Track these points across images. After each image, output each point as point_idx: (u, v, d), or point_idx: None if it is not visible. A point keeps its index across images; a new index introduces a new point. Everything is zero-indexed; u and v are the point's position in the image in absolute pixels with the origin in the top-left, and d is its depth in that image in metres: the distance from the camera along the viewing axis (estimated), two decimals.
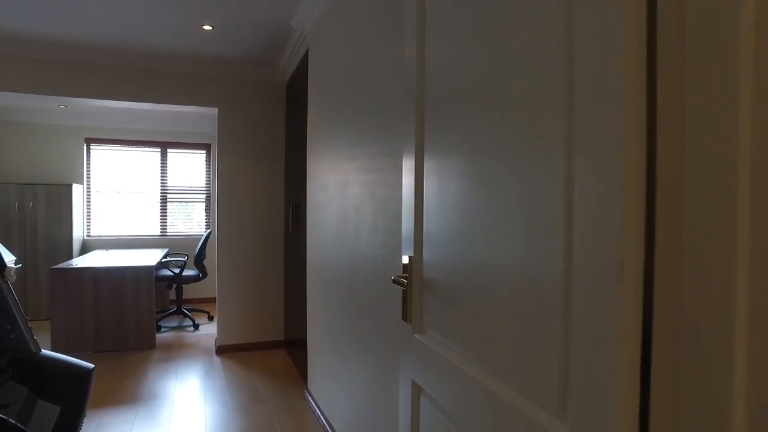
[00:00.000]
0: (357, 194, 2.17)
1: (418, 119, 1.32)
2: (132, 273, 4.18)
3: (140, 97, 3.92)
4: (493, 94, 0.94)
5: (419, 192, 1.32)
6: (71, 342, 4.05)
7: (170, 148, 6.25)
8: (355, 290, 2.20)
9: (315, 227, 2.93)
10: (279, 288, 4.36)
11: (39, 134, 5.77)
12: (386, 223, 1.83)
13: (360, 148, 2.13)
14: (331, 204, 2.57)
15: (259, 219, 4.26)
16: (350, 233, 2.26)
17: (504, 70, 0.90)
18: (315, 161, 2.94)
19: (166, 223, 6.25)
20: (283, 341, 4.38)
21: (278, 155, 4.32)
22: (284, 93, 4.32)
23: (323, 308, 2.77)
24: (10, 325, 2.08)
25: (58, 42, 3.56)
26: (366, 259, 2.05)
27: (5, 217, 5.21)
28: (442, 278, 1.19)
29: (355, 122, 2.20)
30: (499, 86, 0.92)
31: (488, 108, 0.96)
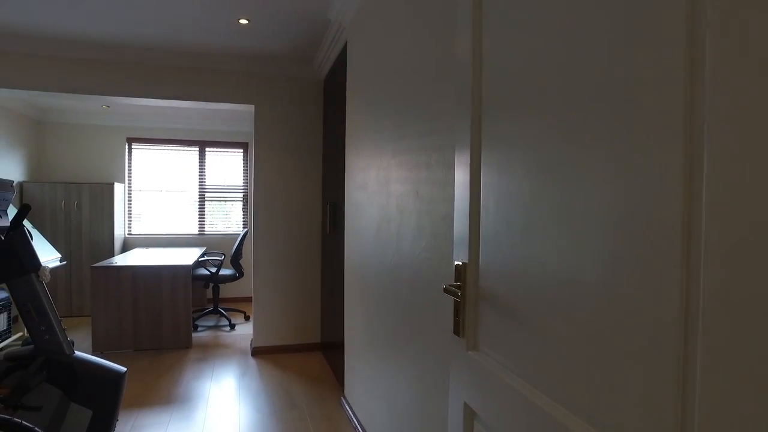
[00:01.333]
0: (399, 193, 2.02)
1: (474, 109, 1.16)
2: (169, 272, 4.17)
3: (178, 95, 3.89)
4: (582, 75, 0.77)
5: (475, 189, 1.16)
6: (111, 340, 4.07)
7: (208, 147, 6.27)
8: (397, 296, 2.05)
9: (353, 228, 2.80)
10: (315, 289, 4.26)
11: (83, 134, 5.88)
12: (433, 224, 1.67)
13: (403, 142, 1.98)
14: (371, 203, 2.43)
15: (295, 218, 4.17)
16: (392, 235, 2.11)
17: (594, 57, 0.73)
18: (354, 158, 2.81)
19: (204, 222, 6.27)
20: (319, 344, 4.27)
21: (315, 153, 4.22)
22: (321, 90, 4.21)
23: (362, 313, 2.64)
24: (45, 326, 2.04)
25: (95, 42, 3.56)
26: (410, 263, 1.89)
27: (53, 215, 5.32)
28: (504, 289, 1.03)
29: (398, 115, 2.05)
30: (594, 66, 0.75)
31: (574, 90, 0.79)
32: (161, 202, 6.17)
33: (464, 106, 1.19)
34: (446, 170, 1.58)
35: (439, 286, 1.62)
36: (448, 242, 1.56)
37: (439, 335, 1.61)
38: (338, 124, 3.51)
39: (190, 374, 3.59)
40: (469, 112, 1.17)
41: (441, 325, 1.60)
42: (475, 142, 1.16)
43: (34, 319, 2.01)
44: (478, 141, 1.16)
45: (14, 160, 5.19)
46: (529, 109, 0.92)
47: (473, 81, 1.16)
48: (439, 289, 1.62)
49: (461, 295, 1.16)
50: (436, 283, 1.64)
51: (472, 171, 1.17)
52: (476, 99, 1.16)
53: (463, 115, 1.20)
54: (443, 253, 1.59)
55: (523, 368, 0.95)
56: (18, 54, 3.62)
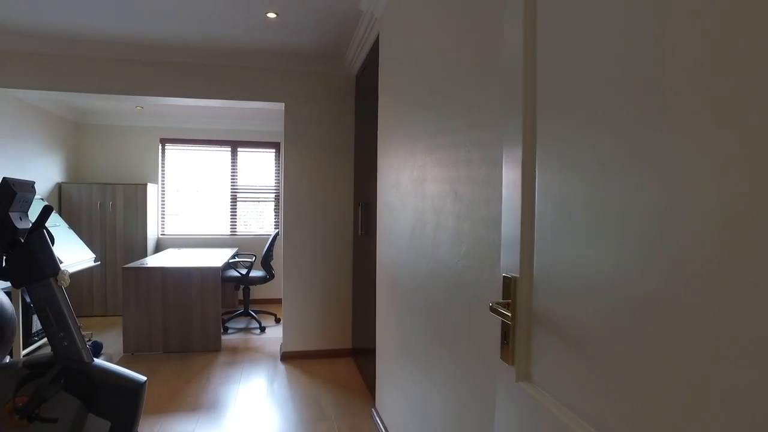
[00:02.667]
0: (436, 193, 1.84)
1: (526, 100, 0.98)
2: (198, 274, 4.11)
3: (207, 94, 3.82)
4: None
5: (528, 190, 0.97)
6: (141, 341, 4.03)
7: (240, 147, 6.23)
8: (433, 307, 1.87)
9: (386, 230, 2.64)
10: (347, 293, 4.12)
11: (118, 136, 5.94)
12: (474, 229, 1.49)
13: (439, 138, 1.80)
14: (404, 204, 2.26)
15: (326, 219, 4.04)
16: (427, 239, 1.93)
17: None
18: (386, 156, 2.64)
19: (236, 223, 6.24)
20: (350, 349, 4.13)
21: (347, 152, 4.08)
22: (353, 86, 4.07)
23: (395, 321, 2.47)
24: (63, 332, 1.95)
25: (126, 42, 3.52)
26: (447, 271, 1.71)
27: (89, 216, 5.37)
28: (566, 310, 0.84)
29: (434, 109, 1.87)
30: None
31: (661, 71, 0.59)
32: (194, 202, 6.17)
33: (514, 98, 1.01)
34: (489, 168, 1.39)
35: (481, 298, 1.43)
36: (491, 249, 1.37)
37: (482, 356, 1.43)
38: (370, 122, 3.36)
39: (217, 379, 3.50)
40: (520, 103, 0.99)
41: (484, 344, 1.41)
42: (528, 136, 0.98)
43: (53, 325, 1.93)
44: (531, 135, 0.97)
45: (54, 161, 5.26)
46: (601, 97, 0.73)
47: (525, 69, 0.98)
48: (480, 301, 1.44)
49: (511, 316, 0.97)
50: (477, 295, 1.46)
51: (525, 169, 0.98)
52: (529, 89, 0.97)
53: (512, 108, 1.01)
54: (485, 262, 1.41)
55: (591, 411, 0.77)
56: (52, 56, 3.62)
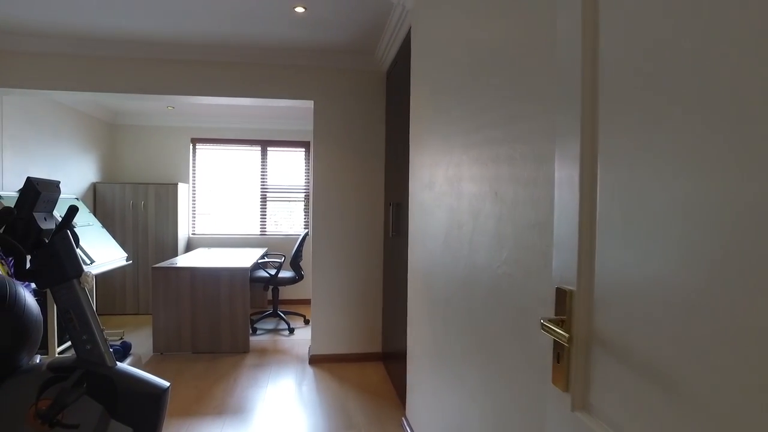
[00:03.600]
0: (473, 193, 1.70)
1: (585, 88, 0.84)
2: (227, 275, 4.07)
3: (236, 92, 3.77)
4: None
5: (589, 190, 0.84)
6: (170, 341, 4.02)
7: (270, 147, 6.21)
8: (470, 314, 1.74)
9: (418, 231, 2.51)
10: (377, 296, 4.01)
11: (150, 136, 5.99)
12: (516, 233, 1.35)
13: (477, 134, 1.67)
14: (438, 205, 2.13)
15: (356, 219, 3.94)
16: (463, 243, 1.80)
17: None
18: (418, 154, 2.52)
19: (265, 223, 6.22)
20: (380, 354, 4.02)
21: (377, 151, 3.97)
22: (383, 83, 3.96)
23: (427, 327, 2.34)
24: (87, 335, 1.90)
25: (155, 41, 3.50)
26: (485, 278, 1.58)
27: (121, 215, 5.43)
28: (640, 333, 0.70)
29: (471, 101, 1.73)
30: None
31: None
32: (224, 202, 6.18)
33: (570, 85, 0.88)
34: (536, 165, 1.25)
35: (525, 309, 1.30)
36: (537, 256, 1.23)
37: (526, 374, 1.29)
38: (402, 119, 3.24)
39: (245, 382, 3.45)
40: (577, 91, 0.86)
41: (529, 361, 1.27)
42: (588, 128, 0.84)
43: (76, 328, 1.88)
44: (591, 127, 0.84)
45: (89, 161, 5.34)
46: (681, 85, 0.59)
47: (584, 52, 0.84)
48: (524, 312, 1.30)
49: (567, 337, 0.83)
50: (521, 305, 1.32)
51: (584, 165, 0.84)
52: (588, 75, 0.84)
53: (567, 96, 0.88)
54: (530, 270, 1.27)
55: None
56: (85, 57, 3.64)
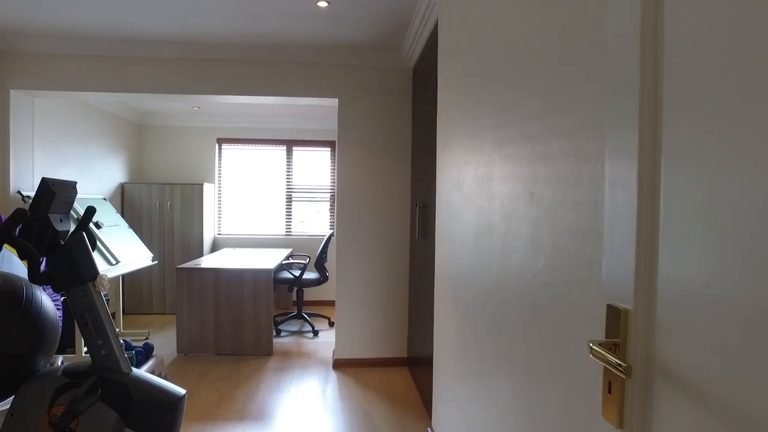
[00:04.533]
0: (506, 194, 1.57)
1: (644, 69, 0.71)
2: (251, 276, 4.02)
3: (260, 91, 3.72)
4: None
5: (648, 190, 0.71)
6: (194, 342, 3.99)
7: (296, 146, 6.16)
8: (501, 323, 1.61)
9: (446, 234, 2.39)
10: (402, 299, 3.89)
11: (177, 136, 6.02)
12: (555, 238, 1.22)
13: (510, 129, 1.54)
14: (467, 206, 2.00)
15: (381, 220, 3.83)
16: (495, 247, 1.67)
17: None
18: (446, 153, 2.39)
19: (291, 223, 6.17)
20: (405, 359, 3.90)
21: (404, 150, 3.85)
22: (410, 80, 3.84)
23: (454, 333, 2.21)
24: (102, 340, 1.85)
25: (183, 41, 3.47)
26: (519, 286, 1.44)
27: (148, 215, 5.47)
28: (719, 365, 0.57)
29: (503, 95, 1.60)
30: None
31: None
32: (249, 202, 6.16)
33: (625, 70, 0.74)
34: (578, 163, 1.12)
35: (564, 323, 1.16)
36: (580, 266, 1.10)
37: (567, 397, 1.15)
38: (429, 117, 3.12)
39: (267, 386, 3.38)
40: (634, 76, 0.73)
41: (571, 384, 1.14)
42: (648, 120, 0.71)
43: (92, 333, 1.83)
44: (652, 118, 0.71)
45: (117, 162, 5.39)
46: None
47: (643, 30, 0.71)
48: (564, 327, 1.16)
49: (625, 367, 0.70)
50: (560, 319, 1.19)
51: (644, 162, 0.71)
52: (648, 57, 0.71)
53: (622, 83, 0.75)
54: (572, 280, 1.13)
55: None
56: (112, 58, 3.64)
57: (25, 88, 3.66)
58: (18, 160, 3.71)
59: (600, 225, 1.02)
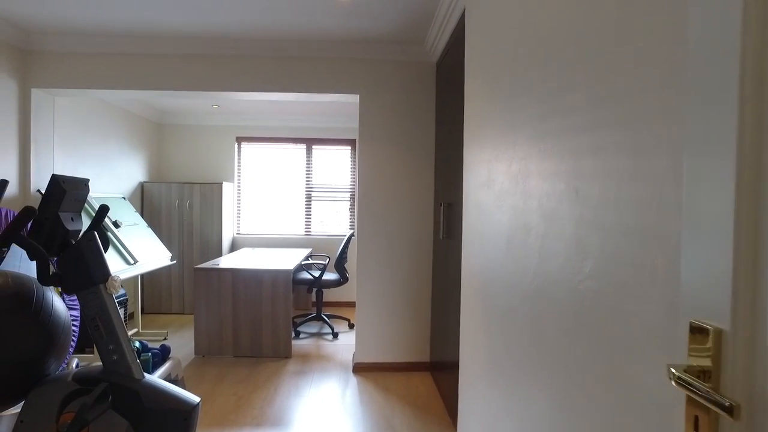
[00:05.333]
0: (545, 191, 1.44)
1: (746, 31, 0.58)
2: (269, 277, 3.93)
3: (280, 87, 3.63)
4: None
5: (751, 190, 0.57)
6: (212, 344, 3.93)
7: (315, 145, 6.07)
8: (539, 333, 1.47)
9: (474, 234, 2.25)
10: (425, 302, 3.76)
11: (196, 135, 5.99)
12: (606, 239, 1.08)
13: (551, 122, 1.40)
14: (499, 205, 1.87)
15: (404, 220, 3.71)
16: (531, 249, 1.53)
17: None
18: (475, 149, 2.26)
19: (310, 223, 6.09)
20: (428, 363, 3.77)
21: (427, 147, 3.72)
22: (433, 75, 3.71)
23: (483, 339, 2.08)
24: (113, 345, 1.77)
25: (199, 36, 3.40)
26: (562, 293, 1.31)
27: (168, 214, 5.44)
28: None
29: (541, 83, 1.47)
30: None
31: None
32: (269, 201, 6.10)
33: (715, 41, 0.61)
34: (636, 156, 0.98)
35: (619, 338, 1.02)
36: (640, 272, 0.96)
37: (622, 420, 1.01)
38: (454, 113, 2.98)
39: (285, 390, 3.29)
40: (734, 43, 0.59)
41: (626, 405, 1.00)
42: (750, 95, 0.57)
43: (103, 337, 1.75)
44: (757, 93, 0.57)
45: (137, 161, 5.37)
46: None
47: None
48: (618, 341, 1.02)
49: (729, 405, 0.57)
50: (613, 333, 1.05)
51: (744, 156, 0.58)
52: None
53: (714, 52, 0.61)
54: (627, 288, 0.99)
55: None
56: (127, 55, 3.59)
57: (46, 86, 3.63)
58: (39, 158, 3.69)
59: (666, 227, 0.88)
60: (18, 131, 3.54)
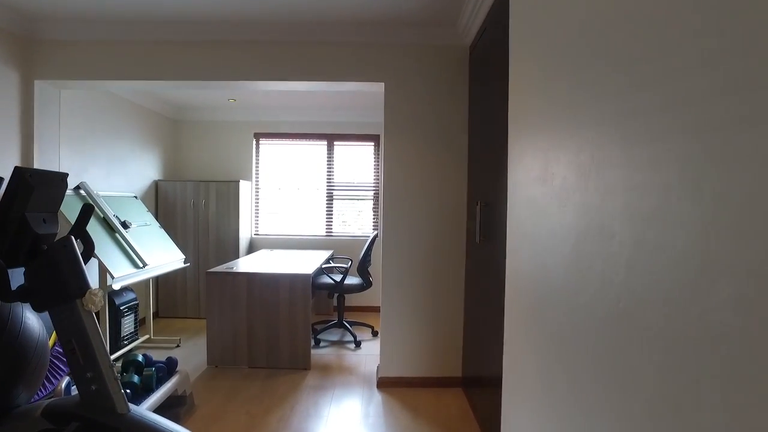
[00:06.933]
0: (633, 185, 1.08)
1: None
2: (287, 282, 3.63)
3: (299, 76, 3.32)
4: None
5: None
6: (225, 353, 3.65)
7: (337, 141, 5.76)
8: (626, 367, 1.11)
9: (524, 238, 1.90)
10: (457, 310, 3.41)
11: (213, 131, 5.75)
12: (758, 256, 0.72)
13: (642, 94, 1.04)
14: (561, 204, 1.50)
15: (433, 221, 3.36)
16: (614, 260, 1.17)
17: None
18: (524, 137, 1.90)
19: (332, 223, 5.78)
20: (459, 378, 3.42)
21: (458, 140, 3.36)
22: (466, 60, 3.35)
23: (536, 361, 1.73)
24: (92, 372, 1.47)
25: (211, 20, 3.12)
26: (670, 322, 0.94)
27: (183, 214, 5.20)
28: None
29: (624, 48, 1.10)
30: None
31: None
32: (288, 200, 5.82)
33: None
34: None
35: None
36: None
37: None
38: (492, 101, 2.62)
39: (303, 409, 2.97)
40: None
41: None
42: None
43: (80, 363, 1.45)
44: None
45: (151, 158, 5.15)
46: None
47: None
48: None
49: None
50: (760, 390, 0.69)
51: None
52: None
53: None
54: None
55: None
56: (134, 43, 3.33)
57: (50, 78, 3.40)
58: (43, 155, 3.46)
59: None
60: (20, 126, 3.32)
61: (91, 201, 3.66)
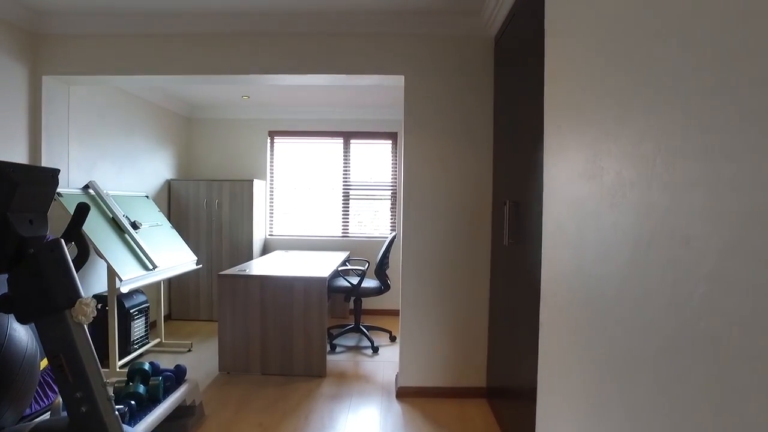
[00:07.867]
0: (727, 180, 0.88)
1: None
2: (302, 285, 3.47)
3: (313, 68, 3.15)
4: None
5: None
6: (237, 360, 3.50)
7: (353, 139, 5.59)
8: (706, 401, 0.91)
9: (563, 240, 1.70)
10: (481, 317, 3.21)
11: (226, 130, 5.62)
12: None
13: (720, 72, 0.84)
14: (614, 202, 1.30)
15: (455, 221, 3.17)
16: (693, 270, 0.97)
17: None
18: (564, 129, 1.70)
19: (348, 224, 5.61)
20: (483, 389, 3.22)
21: (483, 136, 3.16)
22: (491, 51, 3.14)
23: (582, 379, 1.53)
24: (81, 392, 1.32)
25: (223, 11, 2.97)
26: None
27: (196, 214, 5.08)
28: None
29: (691, 17, 0.91)
30: None
31: None
32: (303, 200, 5.66)
33: None
34: None
35: None
36: None
37: None
38: (521, 94, 2.42)
39: (318, 419, 2.80)
40: None
41: None
42: None
43: (68, 381, 1.30)
44: None
45: (163, 157, 5.04)
46: None
47: None
48: None
49: None
50: None
51: None
52: None
53: None
54: None
55: None
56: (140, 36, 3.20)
57: (58, 73, 3.29)
58: (51, 152, 3.35)
59: None
60: (28, 123, 3.21)
61: (100, 201, 3.54)
